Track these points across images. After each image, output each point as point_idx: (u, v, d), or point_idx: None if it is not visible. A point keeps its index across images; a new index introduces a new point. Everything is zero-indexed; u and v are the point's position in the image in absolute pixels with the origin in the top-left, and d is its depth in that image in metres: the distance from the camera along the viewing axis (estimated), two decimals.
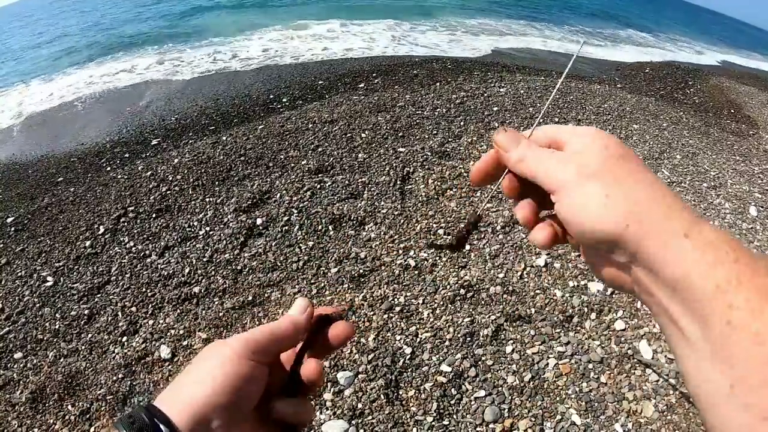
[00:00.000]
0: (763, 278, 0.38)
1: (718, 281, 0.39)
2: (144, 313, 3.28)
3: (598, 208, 0.46)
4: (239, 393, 0.53)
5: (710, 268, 0.40)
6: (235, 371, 0.53)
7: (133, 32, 15.20)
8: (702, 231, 0.43)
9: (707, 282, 0.39)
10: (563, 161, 0.51)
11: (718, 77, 11.69)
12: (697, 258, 0.41)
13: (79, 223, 4.24)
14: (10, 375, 2.96)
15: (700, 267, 0.40)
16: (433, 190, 4.29)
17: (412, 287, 3.28)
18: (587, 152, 0.50)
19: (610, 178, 0.47)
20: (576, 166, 0.49)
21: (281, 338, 0.60)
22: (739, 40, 31.87)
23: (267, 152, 5.03)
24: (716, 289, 0.39)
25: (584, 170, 0.48)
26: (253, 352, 0.56)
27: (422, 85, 7.16)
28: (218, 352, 0.55)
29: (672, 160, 5.27)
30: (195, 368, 0.54)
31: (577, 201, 0.48)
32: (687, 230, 0.43)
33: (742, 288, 0.38)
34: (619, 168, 0.48)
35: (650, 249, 0.44)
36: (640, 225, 0.44)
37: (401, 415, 2.49)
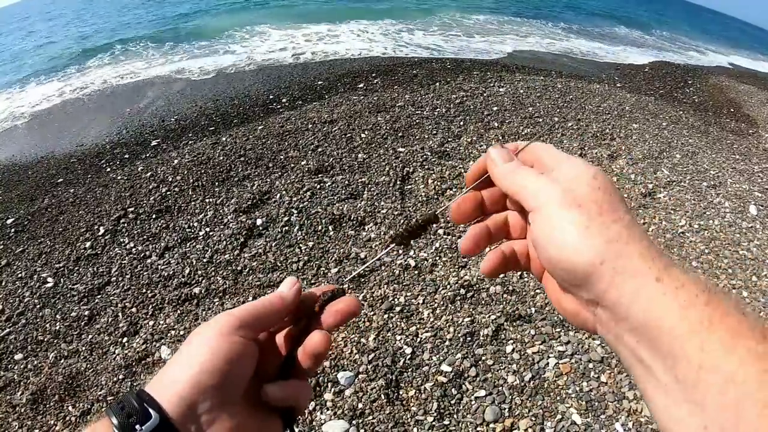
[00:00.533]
0: (733, 318, 0.39)
1: (690, 324, 0.39)
2: (144, 313, 3.28)
3: (575, 238, 0.46)
4: (228, 372, 0.52)
5: (682, 311, 0.40)
6: (221, 349, 0.52)
7: (132, 33, 15.20)
8: (673, 274, 0.42)
9: (679, 326, 0.39)
10: (549, 182, 0.50)
11: (717, 76, 11.70)
12: (668, 302, 0.41)
13: (79, 224, 4.24)
14: (11, 376, 2.97)
15: (671, 311, 0.40)
16: (432, 190, 4.29)
17: (412, 287, 3.29)
18: (576, 179, 0.49)
19: (594, 210, 0.47)
20: (562, 190, 0.49)
21: (268, 312, 0.58)
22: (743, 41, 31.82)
23: (267, 153, 5.03)
24: (688, 331, 0.39)
25: (569, 195, 0.48)
26: (239, 327, 0.54)
27: (422, 85, 7.17)
28: (204, 333, 0.54)
29: (672, 159, 5.27)
30: (183, 351, 0.53)
31: (556, 226, 0.48)
32: (659, 274, 0.42)
33: (714, 330, 0.38)
34: (604, 202, 0.47)
35: (620, 291, 0.43)
36: (614, 263, 0.44)
37: (402, 415, 2.49)
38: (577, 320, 0.51)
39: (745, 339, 0.37)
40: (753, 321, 0.39)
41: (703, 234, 3.94)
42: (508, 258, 0.59)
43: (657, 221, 4.06)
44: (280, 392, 0.57)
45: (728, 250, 3.77)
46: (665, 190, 4.56)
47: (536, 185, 0.51)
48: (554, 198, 0.49)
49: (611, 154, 5.16)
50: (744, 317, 0.39)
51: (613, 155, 5.16)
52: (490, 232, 0.60)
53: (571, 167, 0.51)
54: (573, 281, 0.48)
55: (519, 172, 0.54)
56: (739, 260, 3.67)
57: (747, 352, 0.36)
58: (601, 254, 0.44)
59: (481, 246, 0.59)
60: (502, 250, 0.59)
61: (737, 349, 0.37)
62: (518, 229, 0.59)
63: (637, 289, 0.42)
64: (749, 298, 3.27)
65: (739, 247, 3.83)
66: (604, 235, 0.45)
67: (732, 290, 3.35)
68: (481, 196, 0.61)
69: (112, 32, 16.01)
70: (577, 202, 0.47)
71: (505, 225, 0.60)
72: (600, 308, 0.47)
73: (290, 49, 11.25)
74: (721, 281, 3.43)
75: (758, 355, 0.36)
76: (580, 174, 0.50)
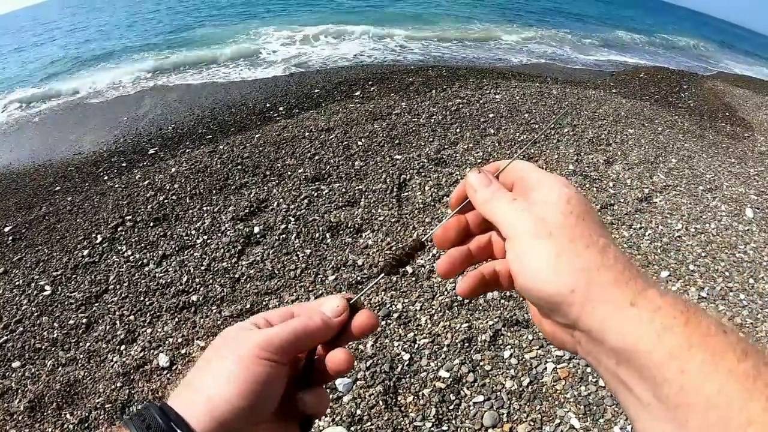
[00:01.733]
0: (713, 338, 0.38)
1: (669, 348, 0.39)
2: (142, 321, 3.28)
3: (545, 268, 0.46)
4: (261, 394, 0.51)
5: (659, 335, 0.39)
6: (257, 373, 0.51)
7: (130, 41, 15.24)
8: (649, 297, 0.42)
9: (657, 350, 0.39)
10: (522, 211, 0.51)
11: (712, 81, 11.75)
12: (644, 327, 0.40)
13: (77, 232, 4.24)
14: (8, 384, 2.96)
15: (648, 336, 0.40)
16: (429, 197, 4.30)
17: (409, 294, 3.29)
18: (549, 206, 0.50)
19: (564, 239, 0.47)
20: (534, 219, 0.49)
21: (309, 338, 0.56)
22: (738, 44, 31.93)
23: (264, 161, 5.04)
24: (668, 355, 0.38)
25: (540, 225, 0.48)
26: (276, 353, 0.52)
27: (418, 92, 7.19)
28: (237, 351, 0.51)
29: (668, 163, 5.29)
30: (212, 368, 0.51)
31: (527, 255, 0.48)
32: (633, 298, 0.42)
33: (694, 352, 0.38)
34: (577, 228, 0.48)
35: (593, 318, 0.44)
36: (586, 291, 0.44)
37: (400, 421, 2.49)
38: (557, 341, 0.52)
39: (726, 359, 0.37)
40: (735, 339, 0.38)
41: (699, 237, 3.95)
42: (488, 279, 0.59)
43: (653, 225, 4.07)
44: (314, 400, 0.57)
45: (725, 253, 3.78)
46: (661, 195, 4.58)
47: (510, 214, 0.52)
48: (526, 228, 0.49)
49: (607, 159, 5.18)
50: (725, 336, 0.38)
51: (609, 160, 5.17)
52: (471, 254, 0.60)
53: (546, 191, 0.51)
54: (546, 308, 0.49)
55: (495, 198, 0.54)
56: (735, 263, 3.68)
57: (729, 373, 0.36)
58: (570, 283, 0.45)
59: (457, 267, 0.59)
60: (482, 271, 0.60)
61: (719, 369, 0.36)
62: (501, 249, 0.59)
63: (610, 316, 0.42)
64: (746, 301, 3.28)
65: (736, 249, 3.84)
66: (575, 263, 0.45)
67: (729, 293, 3.35)
68: (465, 219, 0.61)
69: (110, 41, 16.05)
70: (548, 230, 0.48)
71: (489, 245, 0.60)
72: (577, 332, 0.47)
73: (289, 57, 11.30)
74: (718, 284, 3.44)
75: (740, 374, 0.36)
76: (555, 199, 0.50)
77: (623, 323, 0.42)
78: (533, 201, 0.51)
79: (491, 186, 0.56)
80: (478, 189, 0.56)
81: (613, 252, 0.46)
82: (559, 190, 0.51)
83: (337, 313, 0.59)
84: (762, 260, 3.74)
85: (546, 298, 0.47)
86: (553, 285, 0.45)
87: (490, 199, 0.54)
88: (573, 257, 0.46)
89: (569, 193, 0.50)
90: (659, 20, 34.28)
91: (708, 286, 3.41)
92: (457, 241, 0.61)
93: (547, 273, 0.46)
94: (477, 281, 0.59)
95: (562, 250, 0.46)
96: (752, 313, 3.17)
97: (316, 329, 0.57)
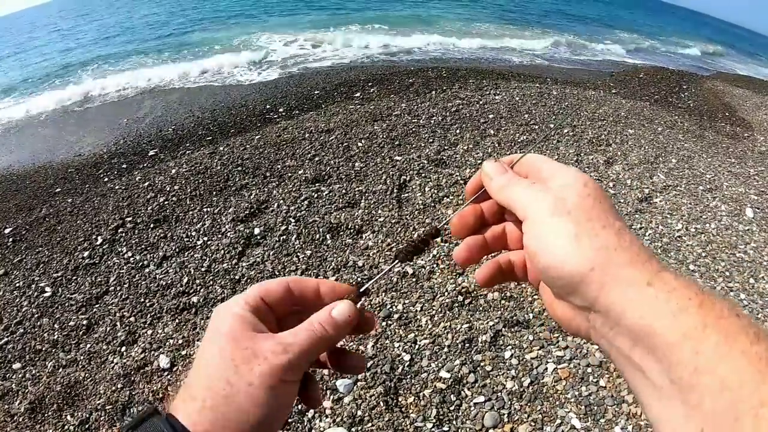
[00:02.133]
0: (727, 320, 0.39)
1: (684, 328, 0.39)
2: (143, 323, 3.28)
3: (566, 245, 0.46)
4: (283, 415, 0.52)
5: (675, 315, 0.40)
6: (281, 398, 0.51)
7: (130, 43, 15.25)
8: (665, 278, 0.42)
9: (673, 330, 0.39)
10: (540, 192, 0.51)
11: (712, 81, 11.75)
12: (660, 306, 0.41)
13: (77, 234, 4.25)
14: (9, 385, 2.96)
15: (664, 315, 0.40)
16: (429, 198, 4.30)
17: (410, 294, 3.29)
18: (567, 188, 0.50)
19: (583, 218, 0.47)
20: (553, 198, 0.50)
21: (321, 348, 0.55)
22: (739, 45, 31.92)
23: (264, 162, 5.04)
24: (682, 336, 0.39)
25: (560, 204, 0.49)
26: (299, 372, 0.53)
27: (418, 93, 7.20)
28: (260, 371, 0.50)
29: (668, 163, 5.29)
30: (234, 389, 0.49)
31: (547, 234, 0.48)
32: (650, 279, 0.43)
33: (708, 333, 0.38)
34: (594, 209, 0.48)
35: (611, 297, 0.44)
36: (605, 270, 0.44)
37: (401, 422, 2.49)
38: (571, 327, 0.52)
39: (739, 341, 0.37)
40: (747, 323, 0.39)
41: (699, 237, 3.96)
42: (504, 269, 0.60)
43: (654, 225, 4.07)
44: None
45: (725, 253, 3.78)
46: (661, 195, 4.58)
47: (528, 196, 0.52)
48: (545, 207, 0.49)
49: (607, 160, 5.18)
50: (738, 319, 0.39)
51: (610, 161, 5.18)
52: (487, 243, 0.60)
53: (562, 176, 0.52)
54: (564, 288, 0.48)
55: (512, 184, 0.55)
56: (736, 263, 3.68)
57: (741, 354, 0.36)
58: (590, 261, 0.45)
59: (474, 255, 0.60)
60: (498, 260, 0.60)
61: (732, 351, 0.36)
62: (515, 239, 0.59)
63: (628, 295, 0.43)
64: (747, 300, 3.28)
65: (736, 249, 3.84)
66: (593, 241, 0.46)
67: (729, 292, 3.35)
68: (480, 209, 0.61)
69: (110, 42, 16.07)
70: (567, 209, 0.48)
71: (503, 235, 0.61)
72: (593, 314, 0.47)
73: (288, 58, 11.31)
74: (719, 284, 3.44)
75: (753, 356, 0.36)
76: (571, 182, 0.50)
77: (641, 303, 0.42)
78: (549, 186, 0.52)
79: (507, 173, 0.56)
80: (493, 176, 0.57)
81: (629, 234, 0.47)
82: (575, 175, 0.52)
83: (349, 322, 0.58)
84: (762, 260, 3.74)
85: (565, 276, 0.47)
86: (573, 263, 0.46)
87: (506, 185, 0.55)
88: (592, 236, 0.46)
89: (585, 178, 0.51)
90: (658, 21, 34.33)
91: (708, 286, 3.41)
92: (473, 229, 0.61)
93: (567, 251, 0.46)
94: (495, 270, 0.60)
95: (580, 229, 0.47)
96: (753, 313, 3.17)
97: (332, 341, 0.56)
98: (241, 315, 0.54)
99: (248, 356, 0.50)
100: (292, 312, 0.60)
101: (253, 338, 0.52)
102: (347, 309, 0.59)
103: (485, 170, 0.58)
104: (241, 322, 0.53)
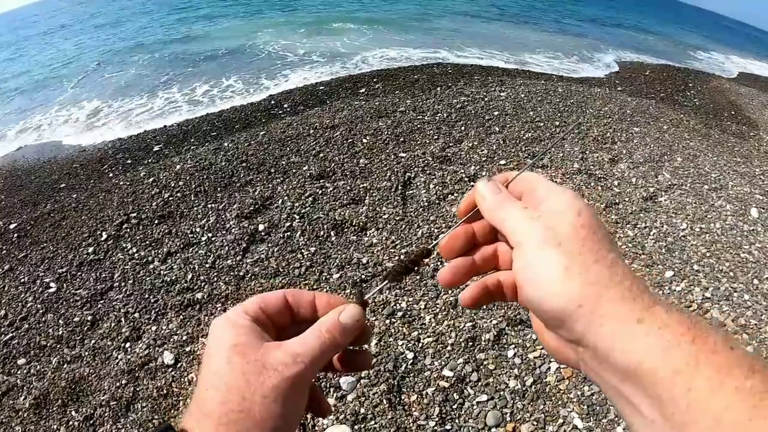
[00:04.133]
0: (720, 355, 0.38)
1: (676, 365, 0.38)
2: (147, 319, 3.29)
3: (554, 280, 0.45)
4: (291, 423, 0.51)
5: (665, 352, 0.39)
6: (296, 406, 0.51)
7: (134, 38, 15.26)
8: (656, 313, 0.42)
9: (664, 367, 0.39)
10: (531, 219, 0.50)
11: (718, 79, 11.70)
12: (651, 344, 0.40)
13: (82, 230, 4.26)
14: (14, 381, 2.98)
15: (654, 353, 0.39)
16: (434, 195, 4.30)
17: (413, 292, 3.29)
18: (558, 216, 0.48)
19: (575, 250, 0.46)
20: (543, 227, 0.48)
21: (330, 354, 0.55)
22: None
23: (269, 158, 5.05)
24: (674, 372, 0.38)
25: (549, 234, 0.47)
26: (305, 381, 0.52)
27: (423, 89, 7.19)
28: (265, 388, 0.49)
29: (673, 162, 5.27)
30: (243, 404, 0.49)
31: (536, 266, 0.47)
32: (640, 315, 0.42)
33: (701, 369, 0.37)
34: (587, 241, 0.46)
35: (599, 334, 0.43)
36: (593, 307, 0.43)
37: (404, 420, 2.50)
38: (561, 357, 0.51)
39: (733, 376, 0.37)
40: (741, 356, 0.38)
41: (704, 237, 3.94)
42: (492, 290, 0.59)
43: (658, 225, 4.06)
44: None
45: (729, 253, 3.76)
46: (666, 194, 4.57)
47: (519, 222, 0.50)
48: (535, 236, 0.48)
49: (612, 158, 5.16)
50: (731, 352, 0.38)
51: (615, 159, 5.16)
52: (475, 265, 0.59)
53: (556, 201, 0.50)
54: (551, 322, 0.48)
55: (504, 206, 0.53)
56: (740, 263, 3.66)
57: (735, 390, 0.36)
58: (578, 297, 0.44)
59: (459, 278, 0.59)
60: (486, 282, 0.59)
61: (725, 386, 0.36)
62: (507, 261, 0.57)
63: (617, 333, 0.42)
64: (751, 302, 3.27)
65: (741, 249, 3.82)
66: (583, 276, 0.44)
67: (734, 293, 3.34)
68: (472, 229, 0.59)
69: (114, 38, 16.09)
70: (557, 240, 0.47)
71: (495, 256, 0.59)
72: (581, 348, 0.46)
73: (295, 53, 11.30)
74: (723, 284, 3.42)
75: (747, 391, 0.36)
76: (565, 209, 0.49)
77: (630, 340, 0.41)
78: (543, 211, 0.50)
79: (500, 194, 0.55)
80: (486, 197, 0.55)
81: (621, 268, 0.45)
82: (569, 202, 0.49)
83: (357, 326, 0.58)
84: (767, 261, 3.73)
85: (552, 311, 0.46)
86: (561, 298, 0.45)
87: (498, 207, 0.53)
88: (582, 270, 0.45)
89: (580, 205, 0.49)
90: (665, 18, 34.15)
91: (712, 287, 3.40)
92: (462, 251, 0.60)
93: (555, 285, 0.45)
94: (481, 291, 0.58)
95: (571, 263, 0.45)
96: (756, 314, 3.16)
97: (340, 346, 0.56)
98: (244, 326, 0.53)
99: (259, 369, 0.50)
100: (290, 323, 0.60)
101: (261, 349, 0.51)
102: (355, 313, 0.58)
103: (478, 190, 0.56)
104: (245, 333, 0.53)
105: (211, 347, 0.53)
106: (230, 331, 0.53)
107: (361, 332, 0.59)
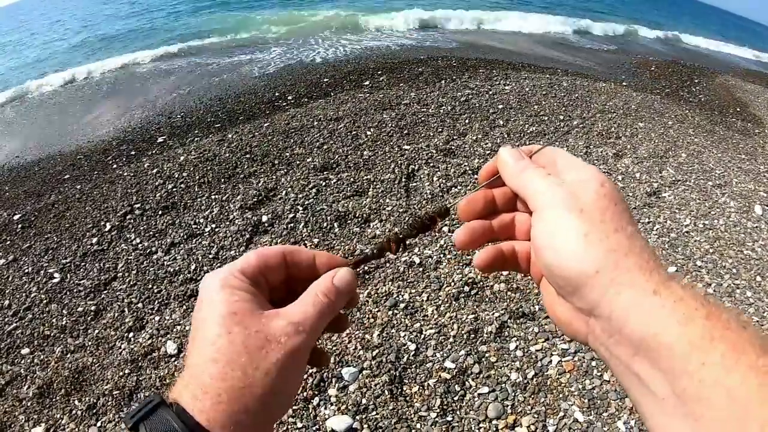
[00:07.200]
0: (734, 332, 0.38)
1: (691, 339, 0.38)
2: (150, 309, 3.30)
3: (573, 244, 0.45)
4: (292, 393, 0.52)
5: (681, 325, 0.39)
6: (298, 376, 0.51)
7: (139, 28, 15.25)
8: (672, 288, 0.41)
9: (679, 340, 0.38)
10: (555, 184, 0.50)
11: (723, 75, 11.63)
12: (666, 316, 0.40)
13: (86, 220, 4.27)
14: (18, 370, 2.99)
15: (670, 325, 0.39)
16: (438, 187, 4.30)
17: (416, 284, 3.30)
18: (582, 184, 0.49)
19: (596, 218, 0.46)
20: (567, 193, 0.48)
21: (329, 320, 0.55)
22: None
23: (272, 150, 5.05)
24: (689, 347, 0.38)
25: (573, 200, 0.47)
26: (307, 350, 0.52)
27: (427, 82, 7.16)
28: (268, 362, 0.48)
29: (677, 158, 5.26)
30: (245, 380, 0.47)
31: (556, 230, 0.47)
32: (656, 287, 0.41)
33: (715, 345, 0.37)
34: (609, 211, 0.46)
35: (614, 302, 0.43)
36: (610, 274, 0.43)
37: (405, 411, 2.50)
38: (570, 329, 0.51)
39: (746, 353, 0.36)
40: (753, 335, 0.38)
41: (707, 233, 3.94)
42: (507, 256, 0.59)
43: (662, 220, 4.06)
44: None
45: (733, 250, 3.76)
46: (670, 189, 4.56)
47: (542, 185, 0.50)
48: (557, 200, 0.48)
49: (617, 153, 5.15)
50: (744, 331, 0.38)
51: (619, 154, 5.15)
52: (492, 230, 0.59)
53: (581, 172, 0.50)
54: (566, 288, 0.47)
55: (528, 171, 0.53)
56: (743, 260, 3.66)
57: (748, 368, 0.35)
58: (597, 263, 0.44)
59: (475, 240, 0.58)
60: (501, 247, 0.59)
61: (739, 364, 0.36)
62: (524, 231, 0.57)
63: (633, 302, 0.42)
64: (753, 299, 3.27)
65: (744, 246, 3.81)
66: (603, 243, 0.44)
67: (736, 290, 3.34)
68: (492, 194, 0.59)
69: (119, 27, 16.06)
70: (580, 206, 0.46)
71: (512, 225, 0.59)
72: (593, 319, 0.46)
73: (299, 45, 11.27)
74: (725, 281, 3.42)
75: (760, 370, 0.35)
76: (589, 179, 0.49)
77: (646, 311, 0.41)
78: (566, 179, 0.50)
79: (524, 161, 0.55)
80: (509, 162, 0.55)
81: (640, 241, 0.46)
82: (593, 173, 0.50)
83: (351, 289, 0.58)
84: None
85: (569, 276, 0.46)
86: (579, 264, 0.45)
87: (521, 172, 0.53)
88: (603, 237, 0.45)
89: (603, 177, 0.49)
90: (672, 13, 33.98)
91: (715, 283, 3.40)
92: (481, 214, 0.59)
93: (574, 250, 0.45)
94: (495, 254, 0.58)
95: (591, 229, 0.45)
96: (759, 311, 3.16)
97: (336, 310, 0.56)
98: (242, 289, 0.51)
99: (261, 341, 0.48)
100: (282, 281, 0.58)
101: (260, 318, 0.50)
102: (349, 276, 0.58)
103: (501, 155, 0.56)
104: (244, 299, 0.50)
105: (205, 311, 0.51)
106: (227, 295, 0.50)
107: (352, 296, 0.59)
